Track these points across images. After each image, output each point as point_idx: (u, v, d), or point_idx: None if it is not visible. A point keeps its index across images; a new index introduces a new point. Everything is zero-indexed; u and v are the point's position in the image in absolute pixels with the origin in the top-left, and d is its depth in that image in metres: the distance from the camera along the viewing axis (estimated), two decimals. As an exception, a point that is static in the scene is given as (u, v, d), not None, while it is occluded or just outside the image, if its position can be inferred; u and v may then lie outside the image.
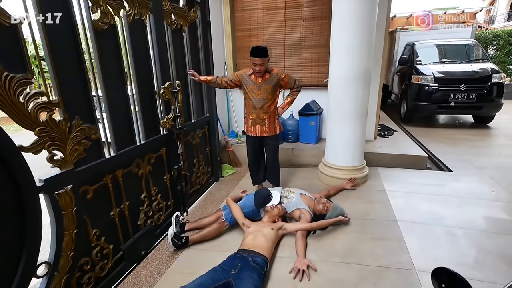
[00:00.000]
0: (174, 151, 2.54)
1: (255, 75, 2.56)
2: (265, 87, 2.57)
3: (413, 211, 2.52)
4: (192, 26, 2.84)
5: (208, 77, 2.71)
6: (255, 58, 2.43)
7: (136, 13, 2.00)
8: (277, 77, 2.58)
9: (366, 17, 2.67)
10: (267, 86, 2.57)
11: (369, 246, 2.08)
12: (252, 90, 2.60)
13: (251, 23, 4.26)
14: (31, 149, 1.33)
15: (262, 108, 2.64)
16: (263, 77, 2.57)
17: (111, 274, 1.89)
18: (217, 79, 2.70)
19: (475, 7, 9.95)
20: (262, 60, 2.43)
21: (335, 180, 3.07)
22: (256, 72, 2.52)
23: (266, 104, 2.63)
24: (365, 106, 2.97)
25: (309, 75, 4.23)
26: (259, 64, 2.45)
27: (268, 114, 2.68)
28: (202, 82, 2.79)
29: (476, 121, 5.97)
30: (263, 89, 2.58)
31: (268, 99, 2.62)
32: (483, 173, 3.33)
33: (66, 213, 1.50)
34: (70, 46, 1.53)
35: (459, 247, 2.04)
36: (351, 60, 2.79)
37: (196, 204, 3.00)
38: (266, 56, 2.45)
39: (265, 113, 2.66)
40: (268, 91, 2.59)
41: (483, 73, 5.30)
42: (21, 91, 1.26)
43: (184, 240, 2.17)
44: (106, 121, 1.85)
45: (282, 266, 1.92)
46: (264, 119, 2.69)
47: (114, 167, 1.88)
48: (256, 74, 2.55)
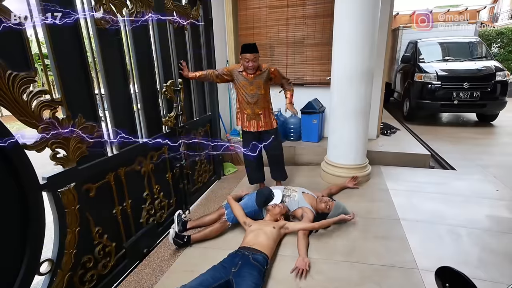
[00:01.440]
0: (176, 149, 2.55)
1: (247, 72, 2.55)
2: (257, 82, 2.57)
3: (416, 210, 2.50)
4: (194, 25, 2.83)
5: (197, 73, 2.71)
6: (247, 54, 2.44)
7: (139, 12, 2.00)
8: (267, 72, 2.58)
9: (368, 15, 2.65)
10: (259, 81, 2.57)
11: (371, 245, 2.07)
12: (245, 85, 2.59)
13: (253, 22, 4.25)
14: (34, 147, 1.34)
15: (257, 103, 2.64)
16: (254, 73, 2.56)
17: (113, 272, 1.89)
18: (207, 74, 2.69)
19: (478, 5, 9.84)
20: (254, 56, 2.44)
21: (338, 179, 3.06)
22: (249, 69, 2.51)
23: (259, 98, 2.63)
24: (368, 104, 2.96)
25: (311, 73, 4.22)
26: (251, 60, 2.45)
27: (263, 109, 2.69)
28: (192, 79, 2.76)
29: (479, 119, 5.92)
30: (255, 84, 2.58)
31: (261, 94, 2.62)
32: (487, 172, 3.30)
33: (69, 210, 1.51)
34: (73, 44, 1.53)
35: (462, 246, 2.03)
36: (353, 58, 2.77)
37: (198, 202, 3.00)
38: (257, 52, 2.46)
39: (260, 107, 2.67)
40: (261, 86, 2.59)
41: (487, 71, 5.26)
42: (24, 89, 1.27)
43: (186, 239, 2.18)
44: (109, 119, 1.85)
45: (284, 265, 1.92)
46: (259, 113, 2.69)
47: (116, 165, 1.89)
48: (248, 71, 2.54)
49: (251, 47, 2.45)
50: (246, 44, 2.48)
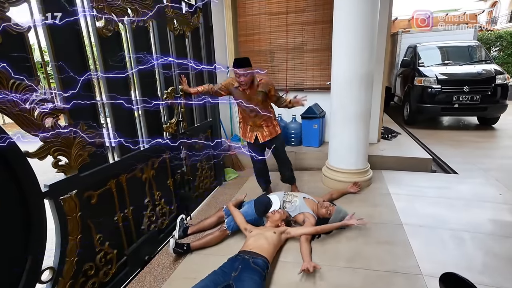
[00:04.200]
0: (177, 156, 2.55)
1: (242, 87, 2.44)
2: (254, 96, 2.48)
3: (419, 215, 2.49)
4: (194, 32, 2.87)
5: (199, 88, 2.63)
6: (236, 70, 2.31)
7: (140, 19, 2.02)
8: (265, 90, 2.46)
9: (367, 20, 2.67)
10: (255, 95, 2.48)
11: (374, 251, 2.05)
12: (242, 100, 2.49)
13: (253, 28, 4.28)
14: (36, 154, 1.34)
15: (257, 116, 2.57)
16: (250, 89, 2.44)
17: (115, 280, 1.89)
18: (209, 89, 2.62)
19: (477, 9, 9.92)
20: (244, 70, 2.30)
21: (339, 184, 3.05)
22: (241, 85, 2.40)
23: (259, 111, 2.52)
24: (368, 108, 2.96)
25: (311, 78, 4.24)
26: (242, 75, 2.32)
27: (264, 120, 2.62)
28: (193, 94, 2.65)
29: (480, 122, 5.91)
30: (253, 98, 2.48)
31: (260, 106, 2.52)
32: (489, 175, 3.29)
33: (70, 218, 1.51)
34: (75, 53, 1.55)
35: (466, 251, 2.01)
36: (353, 63, 2.79)
37: (200, 209, 3.00)
38: (248, 66, 2.33)
39: (261, 119, 2.60)
40: (259, 100, 2.50)
41: (487, 74, 5.26)
42: (27, 97, 1.28)
43: (185, 247, 2.16)
44: (110, 126, 1.86)
45: (286, 271, 1.90)
46: (261, 124, 2.64)
47: (118, 172, 1.89)
48: (241, 87, 2.42)
49: (241, 61, 2.33)
50: (237, 58, 2.38)
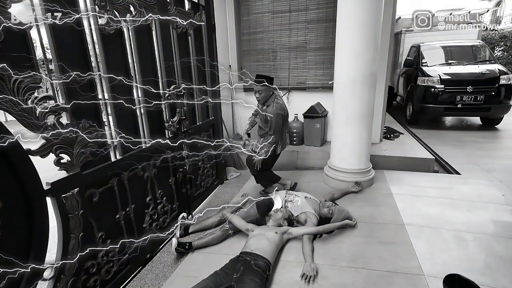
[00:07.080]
0: (179, 154, 2.55)
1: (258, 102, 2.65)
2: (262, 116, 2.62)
3: (421, 215, 2.48)
4: (197, 30, 2.85)
5: None
6: (255, 85, 2.51)
7: (142, 17, 2.01)
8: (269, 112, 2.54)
9: (371, 19, 2.65)
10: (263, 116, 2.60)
11: (376, 251, 2.05)
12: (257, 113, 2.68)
13: (256, 27, 4.27)
14: (38, 152, 1.34)
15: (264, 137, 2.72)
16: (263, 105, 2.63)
17: (116, 277, 1.89)
18: None
19: (481, 8, 9.84)
20: (259, 87, 2.49)
21: (341, 183, 3.04)
22: (257, 100, 2.61)
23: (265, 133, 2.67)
24: (371, 108, 2.95)
25: (314, 77, 4.22)
26: (257, 91, 2.53)
27: None
28: None
29: (483, 123, 5.88)
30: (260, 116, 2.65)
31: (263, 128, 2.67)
32: (492, 176, 3.27)
33: (72, 216, 1.51)
34: (78, 50, 1.54)
35: (468, 252, 2.00)
36: (356, 62, 2.77)
37: (201, 207, 3.00)
38: (264, 83, 2.45)
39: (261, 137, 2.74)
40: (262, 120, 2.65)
41: (491, 75, 5.23)
42: (29, 95, 1.28)
43: (187, 246, 2.16)
44: (112, 124, 1.86)
45: (288, 271, 1.90)
46: None
47: (120, 170, 1.89)
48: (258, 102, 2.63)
49: (260, 78, 2.48)
50: (258, 74, 2.54)
